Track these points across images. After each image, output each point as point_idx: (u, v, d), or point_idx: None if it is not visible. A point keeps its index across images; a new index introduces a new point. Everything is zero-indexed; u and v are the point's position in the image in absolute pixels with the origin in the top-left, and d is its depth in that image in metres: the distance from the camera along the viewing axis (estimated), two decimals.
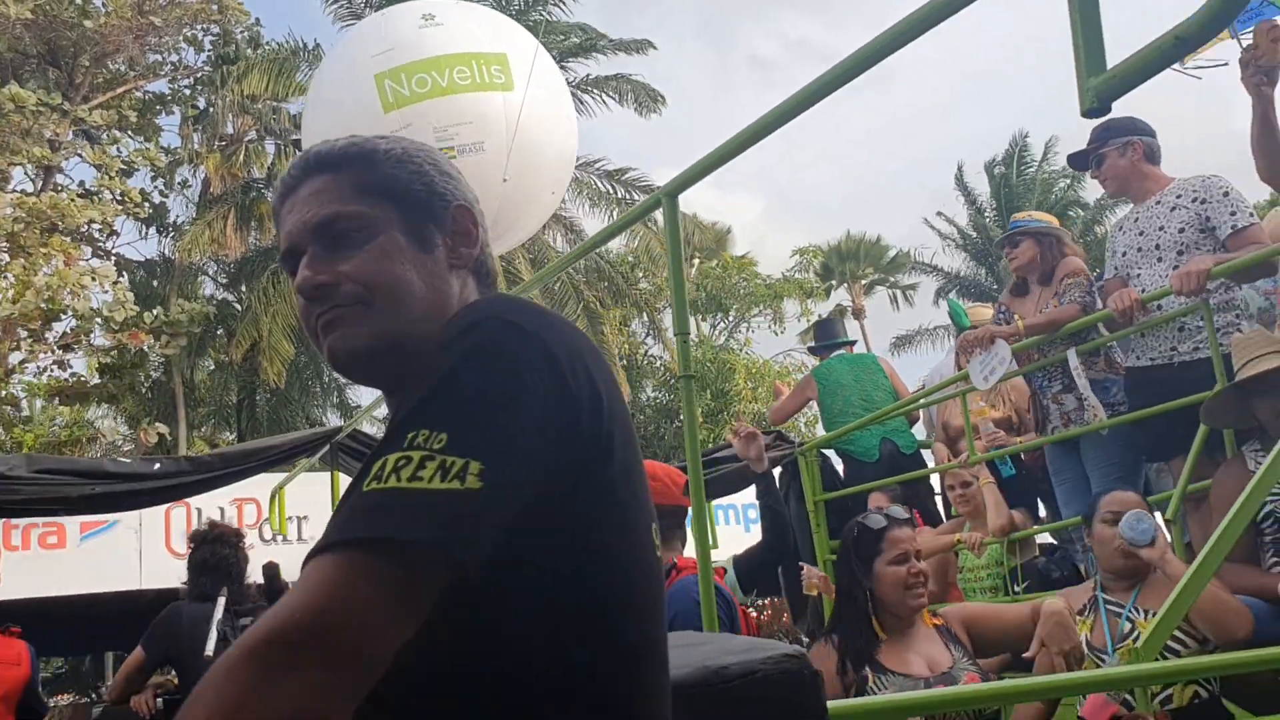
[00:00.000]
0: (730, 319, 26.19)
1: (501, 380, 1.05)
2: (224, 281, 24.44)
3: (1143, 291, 4.55)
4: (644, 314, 24.37)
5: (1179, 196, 4.60)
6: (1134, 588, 3.60)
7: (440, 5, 6.59)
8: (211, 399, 24.40)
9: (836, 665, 3.17)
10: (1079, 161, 4.93)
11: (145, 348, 20.44)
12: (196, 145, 22.83)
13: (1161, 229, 4.61)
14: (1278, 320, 4.77)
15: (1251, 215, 4.48)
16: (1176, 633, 3.29)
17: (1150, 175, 4.74)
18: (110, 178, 20.18)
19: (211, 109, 22.85)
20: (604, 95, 23.57)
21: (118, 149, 21.44)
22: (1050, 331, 4.81)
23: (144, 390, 22.42)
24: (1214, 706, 3.30)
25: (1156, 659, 2.97)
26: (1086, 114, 1.64)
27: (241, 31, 22.88)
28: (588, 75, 23.53)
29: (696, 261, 26.04)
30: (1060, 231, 5.25)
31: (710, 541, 4.86)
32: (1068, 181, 29.90)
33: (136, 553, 11.22)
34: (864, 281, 31.92)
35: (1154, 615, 3.43)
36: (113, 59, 21.61)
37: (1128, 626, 3.51)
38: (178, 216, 23.50)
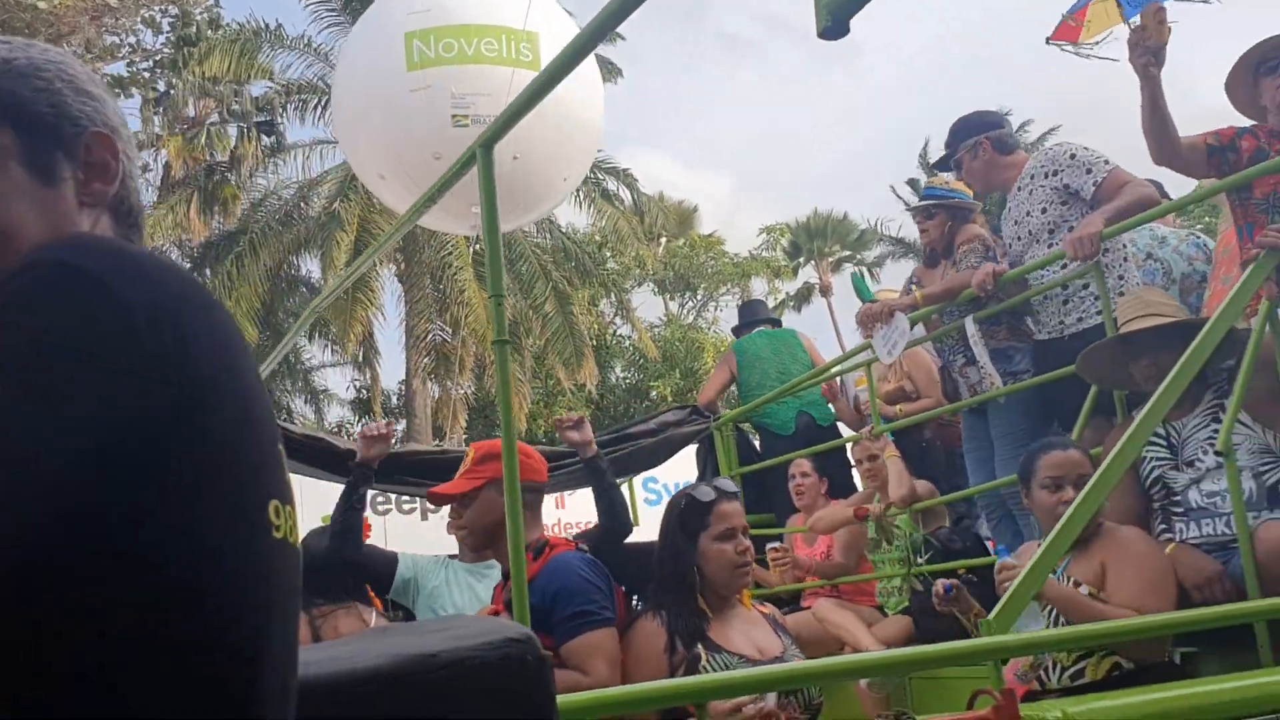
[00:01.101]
0: (698, 298, 26.12)
1: (37, 332, 0.90)
2: (188, 265, 24.20)
3: (1064, 290, 4.55)
4: (612, 294, 24.28)
5: (1032, 178, 4.66)
6: (1068, 554, 3.49)
7: None
8: None
9: (665, 644, 2.99)
10: (943, 167, 4.97)
11: None
12: (157, 129, 22.61)
13: (1028, 214, 4.66)
14: (1202, 285, 4.75)
15: (1107, 164, 4.49)
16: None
17: (1009, 165, 4.80)
18: None
19: (172, 91, 22.61)
20: None
21: None
22: (947, 300, 4.77)
23: None
24: (1133, 680, 3.23)
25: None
26: (822, 35, 1.58)
27: (200, 13, 22.65)
28: None
29: (664, 240, 25.95)
30: (973, 204, 5.22)
31: (632, 519, 4.81)
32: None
33: None
34: (831, 259, 31.88)
35: (1074, 584, 3.38)
36: (68, 40, 21.31)
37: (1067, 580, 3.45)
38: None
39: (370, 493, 4.50)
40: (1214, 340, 3.24)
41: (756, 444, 6.40)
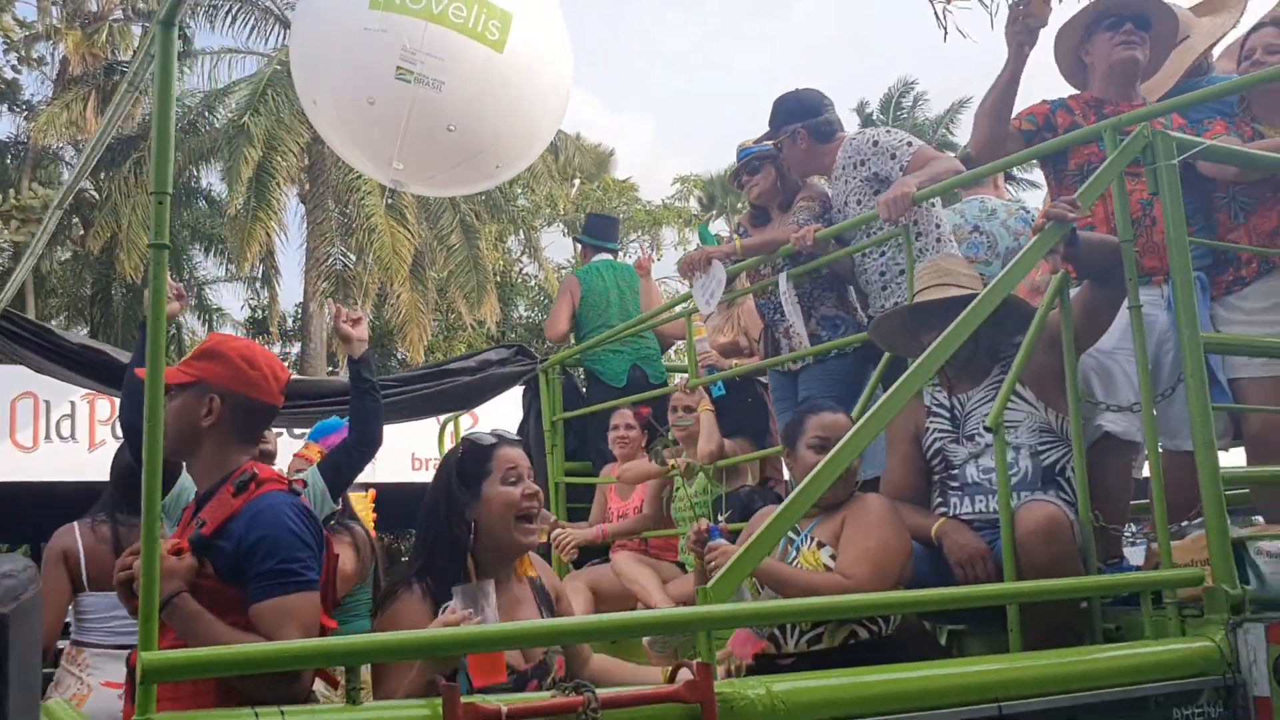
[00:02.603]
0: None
1: None
2: None
3: (882, 276, 4.45)
4: (520, 231, 23.90)
5: (844, 169, 4.59)
6: (819, 516, 3.32)
7: None
8: (65, 290, 23.43)
9: (431, 619, 2.59)
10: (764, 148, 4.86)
11: None
12: (55, 20, 21.67)
13: (845, 204, 4.58)
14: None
15: (911, 145, 4.43)
16: None
17: (828, 152, 4.68)
18: None
19: None
20: None
21: None
22: (766, 252, 4.61)
23: None
24: (873, 649, 3.10)
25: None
26: None
27: None
28: None
29: (578, 182, 25.58)
30: None
31: (381, 435, 4.45)
32: (940, 130, 29.93)
33: None
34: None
35: (817, 545, 3.25)
36: None
37: (794, 555, 3.30)
38: (33, 95, 22.32)
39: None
40: (984, 311, 3.09)
41: (584, 390, 6.20)
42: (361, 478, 4.21)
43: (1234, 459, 4.01)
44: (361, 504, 4.54)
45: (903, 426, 3.72)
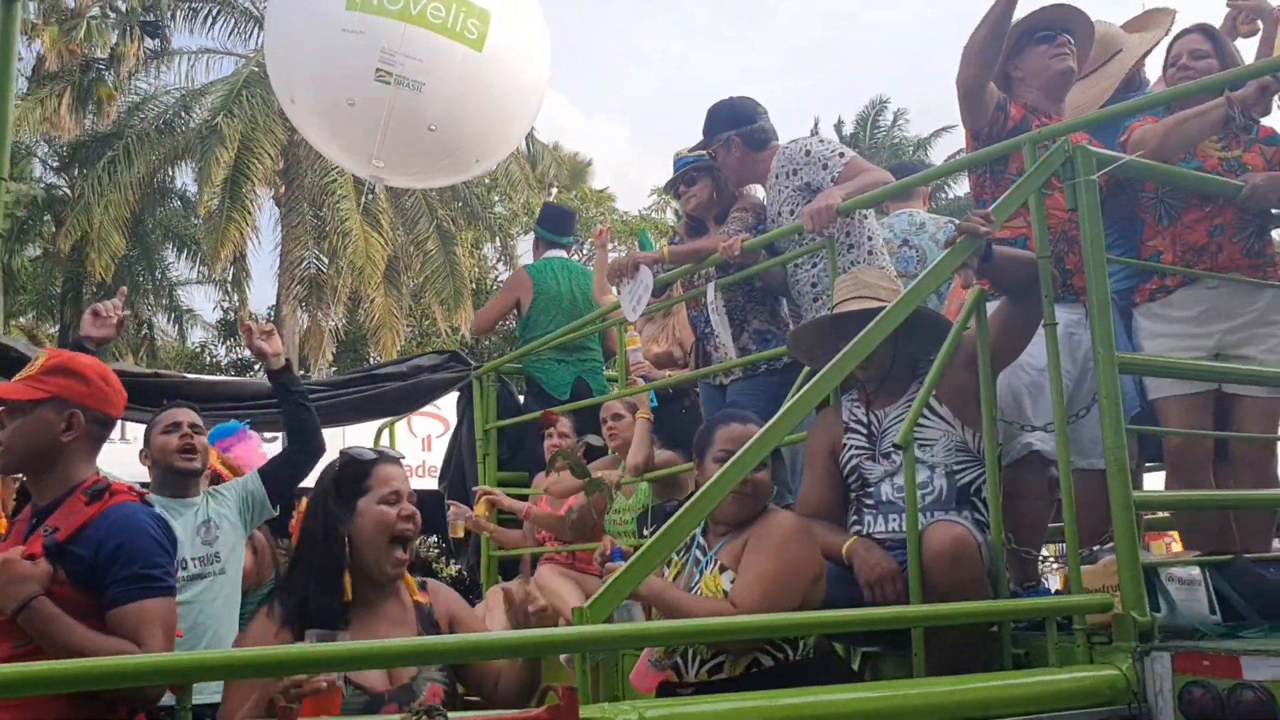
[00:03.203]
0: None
1: None
2: (55, 165, 23.17)
3: (814, 288, 4.37)
4: (497, 238, 23.79)
5: (776, 178, 4.49)
6: (728, 535, 3.20)
7: None
8: (34, 288, 23.21)
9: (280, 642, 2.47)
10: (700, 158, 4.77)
11: None
12: (32, 15, 21.48)
13: (779, 214, 4.49)
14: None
15: (843, 156, 4.35)
16: None
17: (762, 160, 4.57)
18: None
19: None
20: None
21: None
22: (694, 260, 4.53)
23: None
24: (777, 677, 2.99)
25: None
26: None
27: None
28: None
29: (555, 191, 25.48)
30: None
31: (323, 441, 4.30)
32: (915, 150, 29.93)
33: None
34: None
35: (719, 569, 3.13)
36: None
37: (697, 579, 3.20)
38: None
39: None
40: (889, 325, 3.01)
41: (521, 398, 6.08)
42: None
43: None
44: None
45: (820, 442, 3.64)
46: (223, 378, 10.27)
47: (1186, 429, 3.59)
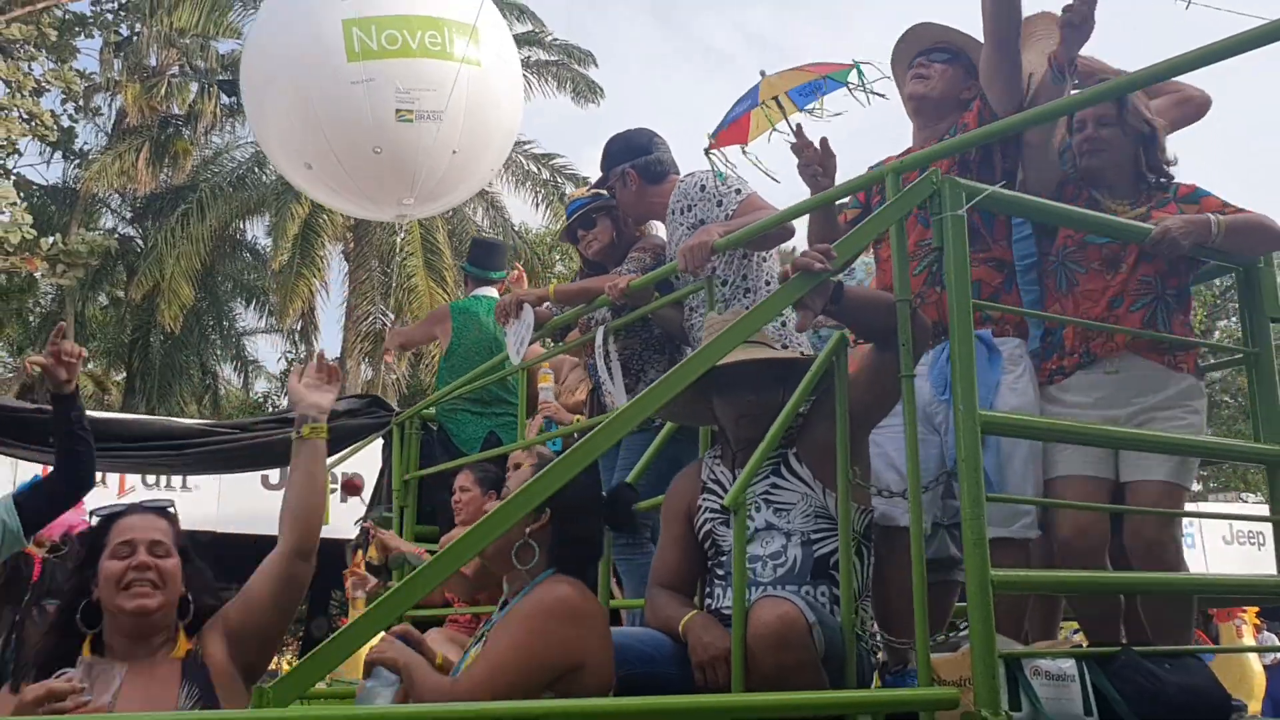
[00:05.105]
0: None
1: None
2: (128, 216, 23.78)
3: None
4: None
5: (673, 214, 4.18)
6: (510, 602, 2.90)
7: None
8: (104, 336, 23.74)
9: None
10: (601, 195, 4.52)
11: (38, 274, 19.83)
12: (116, 74, 22.19)
13: (675, 251, 4.11)
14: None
15: (739, 193, 4.02)
16: None
17: (659, 193, 4.27)
18: (21, 96, 19.53)
19: (135, 38, 22.21)
20: (544, 80, 23.15)
21: (30, 66, 20.76)
22: (582, 300, 4.22)
23: (32, 319, 21.80)
24: None
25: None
26: None
27: None
28: (528, 58, 22.96)
29: None
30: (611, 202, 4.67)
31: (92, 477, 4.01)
32: None
33: None
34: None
35: (483, 644, 2.80)
36: None
37: (467, 656, 2.86)
38: (85, 144, 22.84)
39: None
40: (695, 369, 2.64)
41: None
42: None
43: None
44: None
45: (677, 504, 3.26)
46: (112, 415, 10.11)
47: (1075, 518, 3.15)
